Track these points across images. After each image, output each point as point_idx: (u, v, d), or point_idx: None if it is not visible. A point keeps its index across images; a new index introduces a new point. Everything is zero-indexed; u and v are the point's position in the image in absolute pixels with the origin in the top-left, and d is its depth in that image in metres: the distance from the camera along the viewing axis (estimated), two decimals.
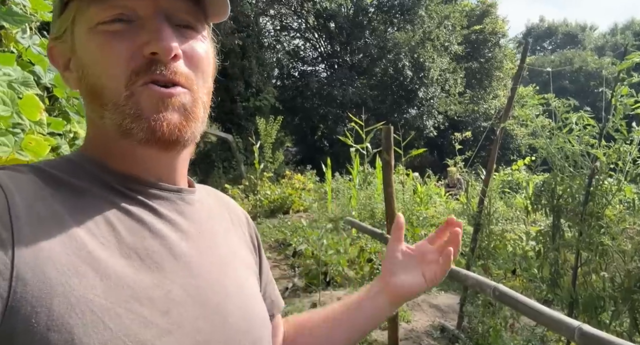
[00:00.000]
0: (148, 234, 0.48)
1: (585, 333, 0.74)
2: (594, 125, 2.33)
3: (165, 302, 0.45)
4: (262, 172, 9.64)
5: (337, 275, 4.22)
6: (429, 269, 0.71)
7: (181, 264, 0.49)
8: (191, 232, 0.54)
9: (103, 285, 0.41)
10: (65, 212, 0.43)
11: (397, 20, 19.51)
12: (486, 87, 22.07)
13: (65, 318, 0.38)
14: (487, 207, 3.13)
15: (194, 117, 0.50)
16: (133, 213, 0.49)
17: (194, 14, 0.52)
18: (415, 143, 16.67)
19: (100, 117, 0.49)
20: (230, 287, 0.54)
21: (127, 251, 0.45)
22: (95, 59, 0.48)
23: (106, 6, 0.47)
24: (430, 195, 7.91)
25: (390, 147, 1.72)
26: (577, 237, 2.23)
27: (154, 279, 0.45)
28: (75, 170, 0.49)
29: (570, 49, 38.62)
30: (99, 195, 0.48)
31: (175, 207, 0.54)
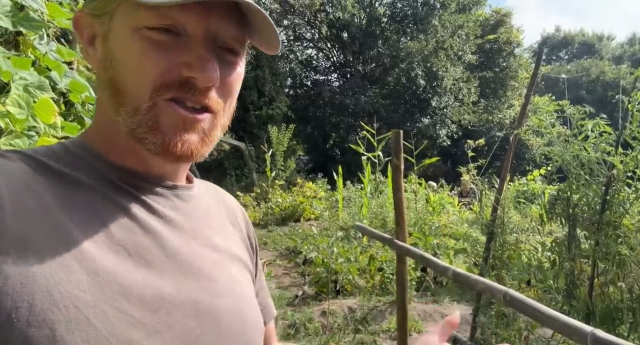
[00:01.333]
0: (140, 230, 0.47)
1: (599, 338, 0.71)
2: (611, 133, 2.28)
3: (156, 301, 0.44)
4: (274, 180, 9.68)
5: (347, 284, 4.18)
6: None
7: (173, 261, 0.48)
8: (186, 229, 0.53)
9: (90, 281, 0.40)
10: (54, 204, 0.42)
11: (410, 30, 19.55)
12: (501, 97, 21.87)
13: (47, 313, 0.36)
14: (501, 216, 3.08)
15: (211, 140, 0.51)
16: (126, 208, 0.47)
17: (240, 40, 0.51)
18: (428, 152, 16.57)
19: (115, 112, 0.48)
20: (224, 287, 0.53)
21: (117, 247, 0.44)
22: (130, 61, 0.46)
23: (157, 14, 0.45)
24: (443, 204, 7.83)
25: (399, 152, 1.71)
26: (594, 247, 2.17)
27: (144, 277, 0.44)
28: (71, 159, 0.48)
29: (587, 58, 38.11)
30: (92, 187, 0.46)
31: (170, 203, 0.53)
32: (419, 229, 5.47)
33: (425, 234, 4.92)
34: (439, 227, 5.30)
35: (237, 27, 0.50)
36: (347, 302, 3.82)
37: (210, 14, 0.47)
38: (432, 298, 4.12)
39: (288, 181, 10.74)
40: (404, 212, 1.78)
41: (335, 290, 4.08)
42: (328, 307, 3.35)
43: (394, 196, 1.75)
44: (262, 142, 10.97)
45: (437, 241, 4.67)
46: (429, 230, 5.13)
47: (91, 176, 0.48)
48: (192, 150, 0.48)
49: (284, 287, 4.49)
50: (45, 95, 1.40)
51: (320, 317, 3.43)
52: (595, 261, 2.18)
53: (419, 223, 5.97)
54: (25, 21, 1.41)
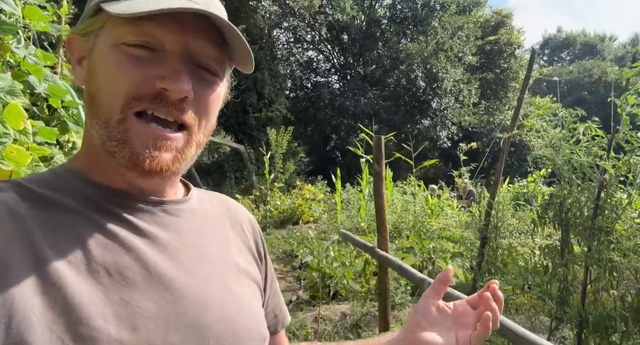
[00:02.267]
0: (120, 249, 0.47)
1: None
2: (603, 136, 2.24)
3: (134, 319, 0.44)
4: (273, 183, 9.64)
5: (342, 289, 4.14)
6: (463, 333, 0.61)
7: (155, 277, 0.48)
8: (172, 244, 0.52)
9: (66, 304, 0.40)
10: (36, 229, 0.43)
11: (410, 32, 19.54)
12: (502, 98, 21.81)
13: (24, 336, 0.37)
14: (494, 220, 3.03)
15: (183, 158, 0.51)
16: (107, 228, 0.48)
17: (218, 60, 0.53)
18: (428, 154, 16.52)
19: (90, 125, 0.50)
20: (213, 299, 0.52)
21: (96, 267, 0.44)
22: (106, 74, 0.48)
23: (137, 31, 0.47)
24: (442, 207, 7.78)
25: (380, 158, 1.67)
26: (586, 253, 2.12)
27: (123, 295, 0.44)
28: (57, 184, 0.50)
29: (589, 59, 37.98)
30: (74, 210, 0.48)
31: (156, 219, 0.53)
32: (416, 233, 5.43)
33: (422, 237, 4.87)
34: (436, 230, 5.25)
35: (216, 47, 0.51)
36: (340, 307, 3.77)
37: (187, 32, 0.49)
38: None
39: (287, 183, 10.71)
40: (386, 220, 1.74)
41: (329, 295, 4.04)
42: (319, 313, 3.31)
43: (375, 203, 1.72)
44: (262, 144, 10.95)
45: (434, 245, 4.62)
46: (425, 234, 5.08)
47: (75, 198, 0.49)
48: (161, 167, 0.48)
49: None
50: (16, 100, 1.37)
51: (313, 323, 3.39)
52: (588, 267, 2.14)
53: (417, 226, 5.92)
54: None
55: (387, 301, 1.87)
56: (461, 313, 0.63)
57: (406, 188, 9.34)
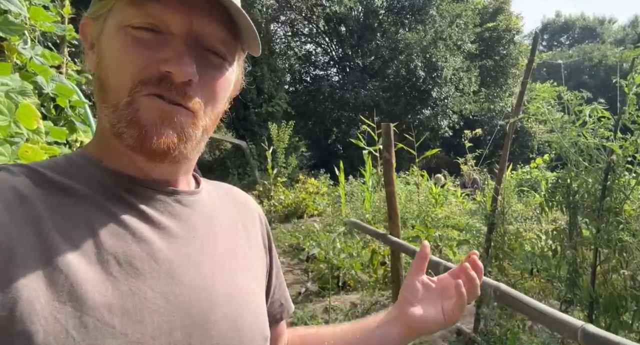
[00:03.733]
0: (131, 239, 0.46)
1: (589, 333, 0.69)
2: (609, 117, 2.24)
3: (140, 311, 0.43)
4: (276, 178, 9.66)
5: (350, 279, 4.17)
6: (448, 304, 0.66)
7: (164, 270, 0.47)
8: (182, 236, 0.52)
9: (72, 292, 0.40)
10: (46, 215, 0.42)
11: (408, 21, 19.41)
12: (502, 85, 21.70)
13: (27, 324, 0.37)
14: (501, 205, 3.04)
15: (188, 138, 0.50)
16: (119, 216, 0.47)
17: (226, 42, 0.51)
18: (430, 144, 16.50)
19: (100, 109, 0.50)
20: (220, 295, 0.52)
21: (106, 257, 0.44)
22: (112, 57, 0.48)
23: (142, 12, 0.47)
24: (446, 196, 7.79)
25: (390, 145, 1.68)
26: (595, 234, 2.14)
27: (131, 286, 0.44)
28: (71, 170, 0.49)
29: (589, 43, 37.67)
30: (87, 196, 0.47)
31: (169, 209, 0.52)
32: (421, 222, 5.44)
33: (428, 226, 4.89)
34: (441, 218, 5.26)
35: (224, 30, 0.50)
36: (350, 297, 3.80)
37: (192, 13, 0.47)
38: None
39: (290, 178, 10.72)
40: (397, 207, 1.75)
41: (338, 286, 4.07)
42: (329, 303, 3.34)
43: (386, 190, 1.73)
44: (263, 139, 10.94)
45: (440, 233, 4.64)
46: (431, 223, 5.10)
47: (88, 185, 0.48)
48: (168, 145, 0.47)
49: (287, 285, 4.48)
50: (28, 100, 1.38)
51: (324, 313, 3.42)
52: (597, 249, 2.15)
53: (422, 215, 5.94)
54: (4, 25, 1.39)
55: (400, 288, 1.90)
56: (445, 285, 0.68)
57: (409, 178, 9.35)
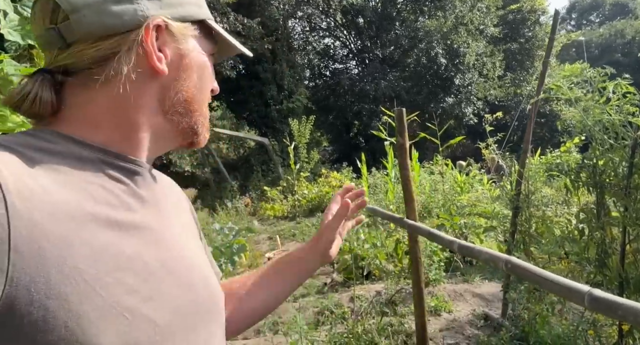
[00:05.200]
0: (127, 207, 0.50)
1: (595, 297, 0.69)
2: (635, 93, 2.16)
3: (145, 271, 0.48)
4: (299, 173, 9.74)
5: (375, 269, 4.18)
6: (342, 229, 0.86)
7: (151, 236, 0.52)
8: (158, 206, 0.57)
9: (91, 256, 0.43)
10: (51, 184, 0.44)
11: (427, 8, 19.02)
12: (528, 68, 20.98)
13: (61, 287, 0.40)
14: (525, 189, 2.98)
15: None
16: (112, 187, 0.50)
17: None
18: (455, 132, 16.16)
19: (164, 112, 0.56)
20: (192, 258, 0.58)
21: (112, 222, 0.47)
22: (198, 76, 0.59)
23: (213, 47, 0.63)
24: (471, 183, 7.65)
25: (403, 130, 1.68)
26: (623, 213, 2.07)
27: (134, 249, 0.48)
28: (59, 141, 0.50)
29: (621, 19, 35.80)
30: (84, 165, 0.49)
31: (144, 182, 0.56)
32: (446, 211, 5.39)
33: (452, 214, 4.84)
34: (466, 206, 5.19)
35: None
36: (375, 286, 3.83)
37: None
38: (462, 277, 4.06)
39: (313, 172, 10.78)
40: (412, 191, 1.76)
41: (363, 276, 4.10)
42: (354, 292, 3.37)
43: (401, 175, 1.74)
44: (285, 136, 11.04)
45: (465, 220, 4.58)
46: (456, 211, 5.04)
47: (80, 155, 0.50)
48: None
49: (313, 276, 4.55)
50: None
51: (349, 302, 3.46)
52: (626, 228, 2.09)
53: (447, 204, 5.86)
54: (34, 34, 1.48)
55: (420, 271, 1.90)
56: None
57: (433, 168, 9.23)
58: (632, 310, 0.62)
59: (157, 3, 0.54)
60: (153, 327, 0.47)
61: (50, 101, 0.51)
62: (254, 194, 10.59)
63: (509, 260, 1.01)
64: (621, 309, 0.64)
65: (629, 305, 0.63)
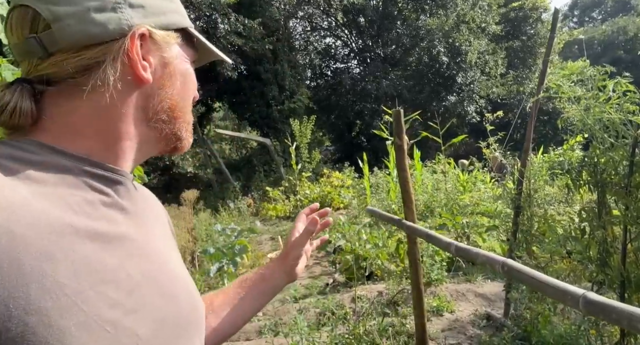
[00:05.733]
0: (105, 219, 0.49)
1: (590, 301, 0.69)
2: (635, 91, 2.15)
3: (128, 283, 0.47)
4: (301, 173, 9.74)
5: (377, 269, 4.18)
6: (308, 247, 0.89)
7: (135, 247, 0.51)
8: (140, 217, 0.56)
9: (73, 269, 0.42)
10: (31, 195, 0.43)
11: (428, 7, 18.97)
12: (531, 66, 20.89)
13: (41, 302, 0.39)
14: (527, 187, 2.97)
15: None
16: (93, 198, 0.49)
17: None
18: (457, 130, 16.13)
19: (148, 119, 0.56)
20: (175, 270, 0.58)
21: (94, 234, 0.46)
22: (182, 84, 0.59)
23: (193, 53, 0.62)
24: (474, 182, 7.63)
25: (401, 131, 1.68)
26: (624, 212, 2.06)
27: (117, 261, 0.47)
28: (39, 151, 0.48)
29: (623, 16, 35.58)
30: (65, 175, 0.48)
31: (127, 192, 0.55)
32: (449, 210, 5.37)
33: (455, 213, 4.82)
34: (469, 205, 5.18)
35: None
36: (377, 287, 3.82)
37: None
38: (465, 277, 4.05)
39: (315, 172, 10.79)
40: (411, 192, 1.75)
41: (365, 276, 4.09)
42: (355, 292, 3.37)
43: (399, 177, 1.73)
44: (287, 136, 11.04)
45: (467, 220, 4.57)
46: (458, 210, 5.03)
47: (61, 165, 0.49)
48: None
49: (315, 277, 4.55)
50: None
51: (351, 303, 3.46)
52: (627, 226, 2.08)
53: (450, 203, 5.85)
54: None
55: (419, 272, 1.90)
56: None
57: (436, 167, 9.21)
58: (626, 313, 0.62)
59: (141, 11, 0.53)
60: (136, 341, 0.46)
61: (30, 111, 0.49)
62: (256, 195, 10.60)
63: (505, 262, 1.01)
64: (615, 313, 0.64)
65: (622, 309, 0.63)
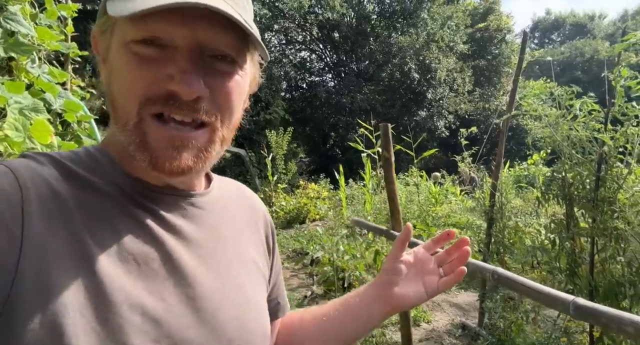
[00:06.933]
0: (149, 240, 0.48)
1: (579, 306, 0.74)
2: (599, 110, 2.31)
3: (157, 310, 0.45)
4: (276, 184, 9.71)
5: (354, 280, 4.21)
6: (429, 280, 0.69)
7: (178, 271, 0.49)
8: (196, 238, 0.54)
9: (97, 289, 0.41)
10: (75, 211, 0.44)
11: (400, 25, 19.58)
12: (495, 84, 21.87)
13: (58, 317, 0.38)
14: (499, 201, 3.10)
15: (206, 156, 0.50)
16: (138, 218, 0.49)
17: (235, 47, 0.49)
18: (428, 144, 16.57)
19: (114, 127, 0.50)
20: (230, 297, 0.54)
21: (127, 256, 0.45)
22: (119, 76, 0.47)
23: (143, 28, 0.45)
24: (445, 194, 7.85)
25: (389, 144, 1.75)
26: (591, 224, 2.20)
27: (148, 286, 0.45)
28: (94, 166, 0.49)
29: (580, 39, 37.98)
30: (109, 196, 0.48)
31: (182, 212, 0.54)
32: (422, 221, 5.49)
33: (429, 225, 4.94)
34: (441, 217, 5.32)
35: (229, 33, 0.47)
36: None
37: (195, 24, 0.45)
38: None
39: (290, 184, 10.78)
40: (398, 204, 1.82)
41: (343, 288, 4.11)
42: None
43: (387, 189, 1.79)
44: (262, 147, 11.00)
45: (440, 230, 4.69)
46: (431, 222, 5.15)
47: (110, 185, 0.49)
48: (183, 168, 0.48)
49: (292, 289, 4.52)
50: (41, 116, 1.44)
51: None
52: (594, 238, 2.21)
53: (423, 215, 5.99)
54: (16, 46, 1.46)
55: None
56: (423, 260, 0.69)
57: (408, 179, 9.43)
58: (615, 317, 0.68)
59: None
60: None
61: None
62: None
63: (495, 270, 1.07)
64: (604, 317, 0.69)
65: (611, 313, 0.69)
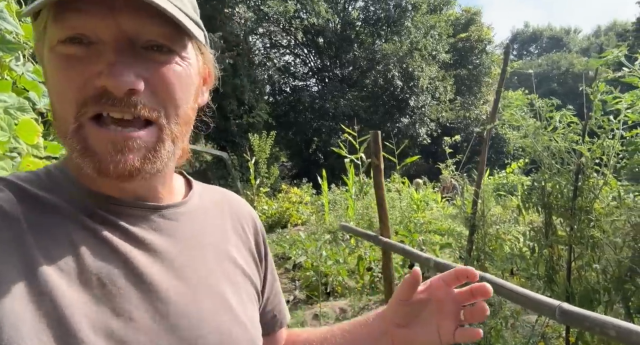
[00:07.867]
0: (113, 256, 0.45)
1: (565, 311, 0.78)
2: (577, 123, 2.40)
3: (125, 331, 0.42)
4: (259, 188, 9.67)
5: (337, 286, 4.22)
6: (446, 324, 0.58)
7: (148, 287, 0.46)
8: (167, 251, 0.50)
9: (56, 314, 0.39)
10: (29, 234, 0.41)
11: (384, 33, 19.87)
12: (476, 93, 22.41)
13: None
14: (481, 209, 3.17)
15: (156, 156, 0.46)
16: (100, 235, 0.46)
17: (168, 34, 0.45)
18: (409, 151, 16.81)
19: (59, 138, 0.47)
20: (208, 311, 0.50)
21: (89, 276, 0.43)
22: (52, 82, 0.45)
23: (65, 26, 0.42)
24: (427, 201, 7.97)
25: (378, 151, 1.78)
26: (569, 233, 2.27)
27: (115, 306, 0.43)
28: (51, 184, 0.47)
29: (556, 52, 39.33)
30: (69, 214, 0.45)
31: (152, 225, 0.51)
32: (404, 227, 5.56)
33: (411, 231, 5.01)
34: (423, 223, 5.40)
35: (161, 22, 0.44)
36: (338, 303, 3.86)
37: (119, 15, 0.42)
38: None
39: (273, 188, 10.74)
40: (387, 209, 1.84)
41: (326, 293, 4.12)
42: (320, 309, 3.39)
43: (376, 194, 1.82)
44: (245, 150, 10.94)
45: (423, 237, 4.76)
46: (414, 228, 5.22)
47: (69, 202, 0.46)
48: (129, 170, 0.44)
49: None
50: (27, 116, 1.41)
51: (313, 320, 3.46)
52: (571, 246, 2.29)
53: (404, 221, 6.07)
54: (2, 44, 1.43)
55: (392, 287, 1.98)
56: (441, 299, 0.58)
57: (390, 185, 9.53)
58: (598, 321, 0.71)
59: None
60: None
61: None
62: None
63: (483, 276, 1.10)
64: (588, 321, 0.73)
65: (595, 318, 0.73)
